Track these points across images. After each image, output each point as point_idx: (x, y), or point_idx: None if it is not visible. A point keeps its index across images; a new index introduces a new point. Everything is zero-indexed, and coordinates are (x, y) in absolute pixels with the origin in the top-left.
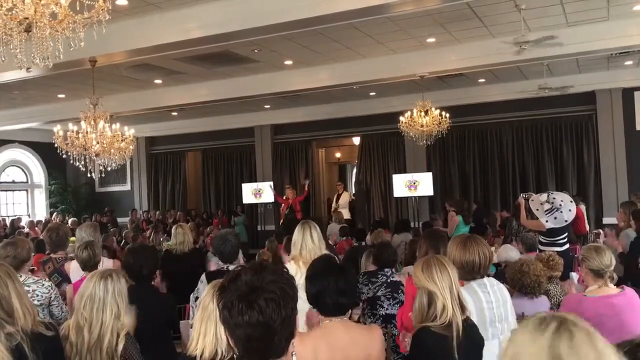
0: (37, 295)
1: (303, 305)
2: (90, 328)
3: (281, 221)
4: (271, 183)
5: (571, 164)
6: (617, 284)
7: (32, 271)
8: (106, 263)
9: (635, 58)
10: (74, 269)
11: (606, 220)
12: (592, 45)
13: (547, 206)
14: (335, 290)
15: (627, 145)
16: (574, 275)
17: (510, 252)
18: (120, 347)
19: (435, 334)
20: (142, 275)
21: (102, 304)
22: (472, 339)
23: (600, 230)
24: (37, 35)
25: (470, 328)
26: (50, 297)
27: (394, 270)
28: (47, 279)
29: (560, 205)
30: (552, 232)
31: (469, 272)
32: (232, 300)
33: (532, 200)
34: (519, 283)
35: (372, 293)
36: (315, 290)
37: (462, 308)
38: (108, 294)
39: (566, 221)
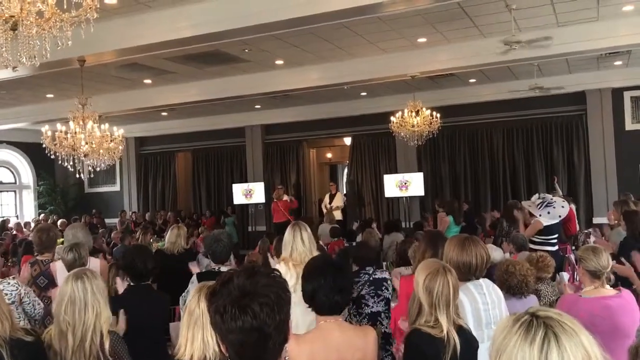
0: (6, 295)
1: (293, 307)
2: (74, 331)
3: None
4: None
5: (561, 163)
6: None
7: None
8: (93, 263)
9: (625, 58)
10: (59, 270)
11: (596, 220)
12: (582, 46)
13: (538, 201)
14: (330, 288)
15: (616, 145)
16: (564, 275)
17: (493, 253)
18: (107, 344)
19: (428, 335)
20: (146, 274)
21: (83, 305)
22: (466, 342)
23: (591, 230)
24: (23, 34)
25: (463, 333)
26: (20, 294)
27: (375, 267)
28: (12, 278)
29: (551, 200)
30: (546, 231)
31: (465, 273)
32: (224, 304)
33: (526, 205)
34: (506, 284)
35: (357, 293)
36: (311, 288)
37: (457, 326)
38: (88, 294)
39: (560, 216)
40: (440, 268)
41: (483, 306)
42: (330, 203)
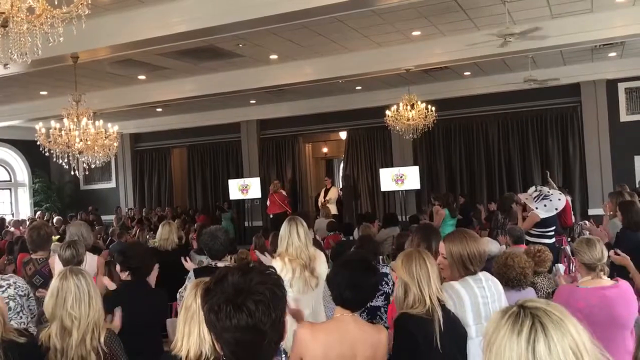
0: (19, 287)
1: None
2: (79, 326)
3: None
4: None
5: (556, 155)
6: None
7: None
8: (89, 260)
9: (619, 49)
10: (58, 265)
11: (592, 211)
12: (576, 37)
13: (535, 194)
14: (342, 281)
15: (611, 137)
16: (560, 267)
17: (490, 245)
18: (102, 338)
19: (416, 317)
20: (148, 272)
21: (88, 298)
22: (455, 329)
23: (586, 222)
24: (14, 31)
25: (452, 320)
26: (29, 289)
27: (379, 261)
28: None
29: (548, 193)
30: (543, 223)
31: (465, 267)
32: (219, 303)
33: (523, 197)
34: (505, 277)
35: None
36: (330, 278)
37: (441, 303)
38: (91, 287)
39: (557, 209)
40: (415, 251)
41: (482, 300)
42: (325, 197)
